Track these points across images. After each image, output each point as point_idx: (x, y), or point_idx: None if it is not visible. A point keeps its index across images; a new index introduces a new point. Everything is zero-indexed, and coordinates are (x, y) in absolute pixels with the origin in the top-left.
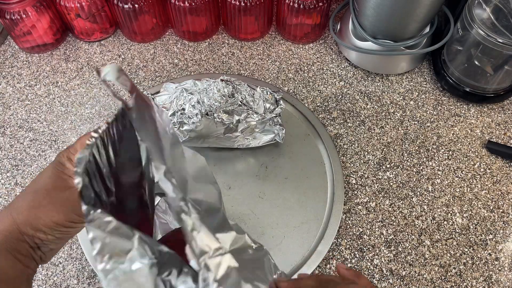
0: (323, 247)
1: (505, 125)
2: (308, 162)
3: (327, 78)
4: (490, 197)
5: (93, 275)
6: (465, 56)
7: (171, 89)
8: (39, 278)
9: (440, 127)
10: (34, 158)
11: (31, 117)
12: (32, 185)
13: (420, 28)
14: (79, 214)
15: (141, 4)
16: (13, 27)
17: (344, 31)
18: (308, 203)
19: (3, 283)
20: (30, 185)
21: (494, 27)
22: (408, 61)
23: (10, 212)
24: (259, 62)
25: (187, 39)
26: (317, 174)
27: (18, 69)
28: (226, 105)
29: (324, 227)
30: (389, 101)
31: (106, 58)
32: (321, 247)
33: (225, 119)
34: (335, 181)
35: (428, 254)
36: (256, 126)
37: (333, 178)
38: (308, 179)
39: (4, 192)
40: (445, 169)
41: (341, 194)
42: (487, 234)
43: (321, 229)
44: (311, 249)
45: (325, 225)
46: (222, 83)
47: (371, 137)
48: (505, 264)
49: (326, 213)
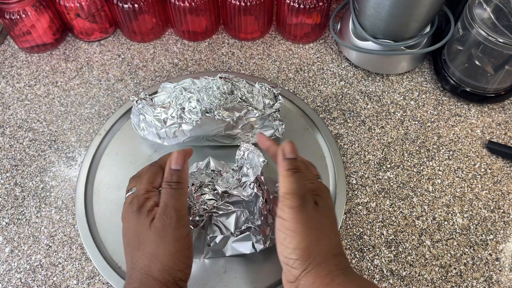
0: None
1: (506, 125)
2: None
3: (327, 78)
4: (491, 197)
5: (92, 275)
6: (465, 56)
7: (169, 88)
8: (39, 279)
9: (440, 127)
10: (33, 158)
11: (30, 117)
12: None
13: (420, 28)
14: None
15: (141, 3)
16: (13, 27)
17: (344, 31)
18: None
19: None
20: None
21: (494, 27)
22: (408, 61)
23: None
24: (259, 62)
25: (187, 38)
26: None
27: (18, 69)
28: (226, 103)
29: None
30: (390, 101)
31: (105, 58)
32: None
33: (225, 116)
34: (337, 173)
35: (429, 255)
36: (255, 122)
37: (334, 171)
38: None
39: (3, 192)
40: (445, 169)
41: (343, 186)
42: (488, 234)
43: None
44: None
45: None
46: (221, 81)
47: (371, 137)
48: (505, 264)
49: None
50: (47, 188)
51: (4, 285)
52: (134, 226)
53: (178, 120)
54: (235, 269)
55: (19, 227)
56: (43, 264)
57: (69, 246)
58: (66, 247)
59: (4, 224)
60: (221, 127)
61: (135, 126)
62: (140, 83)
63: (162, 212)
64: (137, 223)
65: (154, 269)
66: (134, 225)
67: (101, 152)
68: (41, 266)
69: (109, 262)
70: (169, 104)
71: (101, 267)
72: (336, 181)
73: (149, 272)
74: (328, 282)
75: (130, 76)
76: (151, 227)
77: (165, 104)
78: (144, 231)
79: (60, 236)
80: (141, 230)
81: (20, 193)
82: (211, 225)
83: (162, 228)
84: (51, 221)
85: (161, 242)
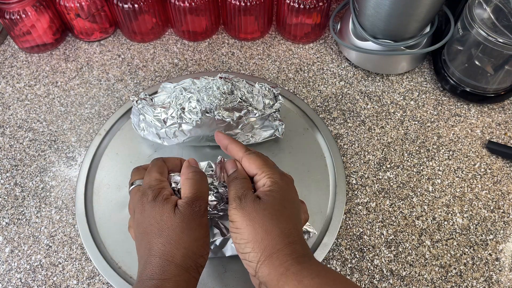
0: (329, 239)
1: (506, 125)
2: (308, 156)
3: (327, 78)
4: (491, 197)
5: (92, 275)
6: (465, 56)
7: (169, 88)
8: (39, 279)
9: (440, 127)
10: (33, 158)
11: (30, 117)
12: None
13: (420, 28)
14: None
15: (141, 3)
16: (13, 27)
17: (344, 31)
18: (311, 197)
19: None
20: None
21: (494, 27)
22: (408, 61)
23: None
24: (259, 62)
25: (187, 39)
26: (318, 168)
27: (18, 69)
28: (226, 103)
29: (328, 219)
30: (390, 101)
31: (105, 58)
32: (326, 239)
33: (225, 116)
34: (337, 173)
35: (429, 255)
36: (255, 122)
37: (334, 171)
38: (309, 172)
39: (3, 192)
40: (445, 169)
41: (343, 186)
42: (488, 234)
43: (324, 222)
44: (316, 243)
45: (329, 217)
46: (221, 81)
47: (371, 137)
48: (505, 264)
49: (330, 205)
50: (47, 188)
51: (4, 285)
52: (153, 214)
53: (178, 120)
54: (235, 269)
55: (19, 227)
56: (43, 264)
57: (69, 246)
58: (66, 247)
59: (4, 224)
60: (221, 127)
61: (135, 126)
62: (140, 83)
63: (190, 200)
64: (156, 211)
65: (178, 255)
66: (152, 213)
67: (101, 152)
68: (41, 266)
69: (109, 262)
70: (169, 104)
71: (101, 267)
72: (336, 181)
73: (171, 258)
74: (283, 272)
75: (130, 76)
76: (176, 214)
77: (165, 104)
78: (166, 219)
79: (60, 236)
80: (162, 218)
81: (20, 193)
82: (212, 227)
83: (190, 215)
84: (51, 221)
85: (187, 228)
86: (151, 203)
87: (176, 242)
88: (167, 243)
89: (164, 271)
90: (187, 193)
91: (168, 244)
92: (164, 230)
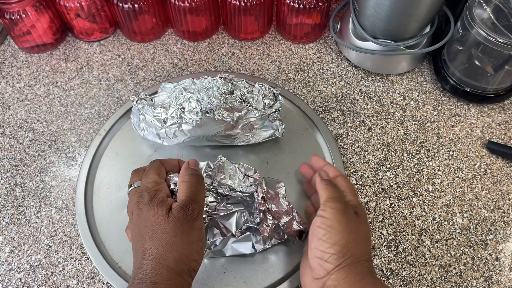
0: None
1: (506, 125)
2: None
3: (327, 78)
4: (491, 197)
5: (92, 275)
6: (465, 56)
7: (169, 88)
8: (39, 279)
9: (440, 127)
10: (33, 158)
11: (30, 117)
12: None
13: (420, 28)
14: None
15: (141, 3)
16: (13, 27)
17: (344, 31)
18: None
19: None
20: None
21: (494, 27)
22: (408, 61)
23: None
24: (259, 62)
25: (187, 39)
26: None
27: (18, 69)
28: (226, 103)
29: None
30: (389, 101)
31: (105, 58)
32: None
33: (225, 116)
34: None
35: (429, 254)
36: (255, 122)
37: None
38: None
39: (3, 192)
40: (445, 169)
41: None
42: (488, 234)
43: None
44: None
45: None
46: (221, 81)
47: (371, 137)
48: (505, 264)
49: None
50: (47, 188)
51: (4, 285)
52: (148, 217)
53: (178, 120)
54: (235, 269)
55: (19, 227)
56: (43, 264)
57: (69, 246)
58: (66, 247)
59: (4, 224)
60: (221, 127)
61: (135, 126)
62: (140, 83)
63: (184, 204)
64: (151, 214)
65: (170, 258)
66: (147, 216)
67: (101, 152)
68: (41, 266)
69: (109, 262)
70: (169, 104)
71: (101, 267)
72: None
73: (164, 261)
74: (359, 280)
75: (130, 76)
76: (170, 217)
77: (165, 104)
78: (160, 221)
79: (60, 236)
80: (156, 220)
81: (20, 193)
82: (212, 228)
83: (184, 219)
84: (51, 221)
85: (180, 232)
86: (147, 205)
87: (169, 246)
88: (160, 246)
89: (156, 274)
90: (181, 196)
91: (161, 247)
92: (158, 233)
